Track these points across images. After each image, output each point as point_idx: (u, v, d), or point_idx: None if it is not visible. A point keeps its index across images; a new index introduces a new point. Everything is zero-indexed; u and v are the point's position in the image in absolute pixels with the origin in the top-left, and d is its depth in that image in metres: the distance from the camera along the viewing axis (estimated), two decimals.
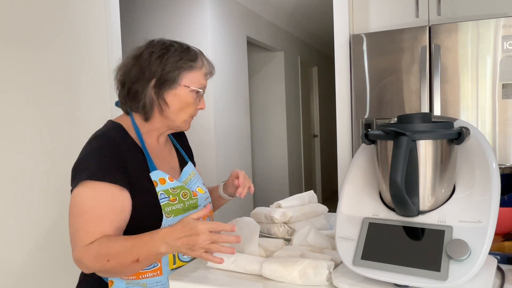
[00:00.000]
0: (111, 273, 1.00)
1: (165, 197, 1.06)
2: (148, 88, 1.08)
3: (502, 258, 0.95)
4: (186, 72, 1.10)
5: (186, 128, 1.17)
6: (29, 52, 1.85)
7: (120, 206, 1.01)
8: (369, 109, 2.36)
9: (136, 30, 3.85)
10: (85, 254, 0.96)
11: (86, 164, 1.01)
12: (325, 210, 1.38)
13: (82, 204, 0.99)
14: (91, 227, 0.97)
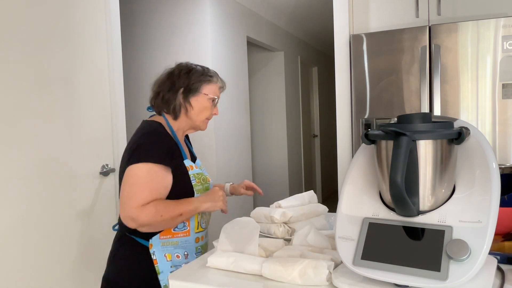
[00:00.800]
0: (159, 226, 1.32)
1: (194, 179, 1.42)
2: (177, 95, 1.45)
3: (502, 258, 0.95)
4: (206, 84, 1.48)
5: (204, 128, 1.53)
6: (29, 52, 1.85)
7: (166, 183, 1.35)
8: (369, 109, 2.36)
9: (136, 30, 3.85)
10: (141, 213, 1.26)
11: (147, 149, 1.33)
12: (325, 210, 1.38)
13: (141, 176, 1.30)
14: (146, 194, 1.28)
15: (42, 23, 1.92)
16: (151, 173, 1.30)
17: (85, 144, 2.12)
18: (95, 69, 2.20)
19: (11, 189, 1.77)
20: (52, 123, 1.95)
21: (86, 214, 2.13)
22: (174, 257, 1.36)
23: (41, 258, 1.89)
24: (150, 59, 3.82)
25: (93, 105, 2.18)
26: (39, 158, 1.89)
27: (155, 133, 1.39)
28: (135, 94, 3.93)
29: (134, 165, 1.30)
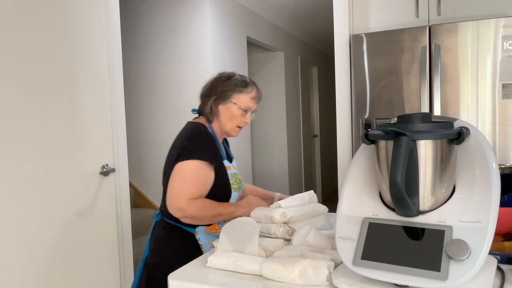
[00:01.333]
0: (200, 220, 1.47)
1: (231, 178, 1.56)
2: (211, 101, 1.57)
3: (502, 258, 0.95)
4: (237, 93, 1.56)
5: (234, 135, 1.63)
6: (29, 52, 1.85)
7: (210, 180, 1.49)
8: (369, 109, 2.36)
9: (136, 30, 3.85)
10: (190, 206, 1.42)
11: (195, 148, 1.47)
12: (325, 210, 1.38)
13: (190, 172, 1.44)
14: (194, 189, 1.44)
15: (42, 23, 1.92)
16: (199, 170, 1.45)
17: (85, 144, 2.12)
18: (95, 69, 2.20)
19: (11, 189, 1.77)
20: (52, 123, 1.95)
21: (86, 214, 2.13)
22: None
23: (41, 257, 1.89)
24: (150, 59, 3.82)
25: (93, 105, 2.18)
26: (39, 158, 1.89)
27: (202, 133, 1.52)
28: (135, 94, 3.93)
29: (184, 162, 1.45)
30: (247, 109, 1.58)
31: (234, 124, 1.58)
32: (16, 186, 1.79)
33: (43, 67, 1.91)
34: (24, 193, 1.82)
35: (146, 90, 3.88)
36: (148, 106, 3.88)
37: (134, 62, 3.89)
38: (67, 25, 2.04)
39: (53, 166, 1.95)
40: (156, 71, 3.81)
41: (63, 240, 2.00)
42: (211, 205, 1.47)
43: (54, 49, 1.97)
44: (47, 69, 1.94)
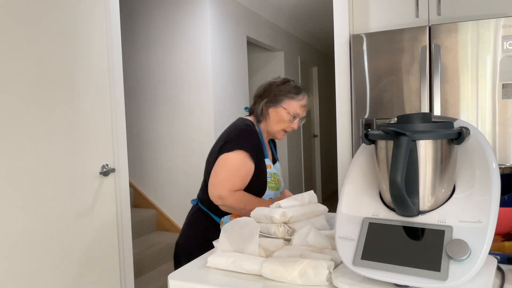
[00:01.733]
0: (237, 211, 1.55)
1: (269, 176, 1.64)
2: (262, 102, 1.65)
3: (502, 258, 0.95)
4: (288, 99, 1.63)
5: (280, 138, 1.70)
6: (29, 52, 1.85)
7: (251, 172, 1.57)
8: (369, 109, 2.36)
9: (136, 30, 3.85)
10: (231, 196, 1.52)
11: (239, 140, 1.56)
12: (325, 210, 1.38)
13: (234, 163, 1.55)
14: (236, 181, 1.54)
15: (42, 23, 1.92)
16: (242, 161, 1.55)
17: (85, 144, 2.12)
18: (95, 69, 2.20)
19: (11, 189, 1.77)
20: (52, 123, 1.95)
21: (86, 214, 2.13)
22: None
23: (41, 257, 1.89)
24: (150, 59, 3.82)
25: (93, 105, 2.18)
26: (39, 158, 1.89)
27: (248, 128, 1.62)
28: (135, 94, 3.93)
29: (229, 153, 1.55)
30: (296, 115, 1.64)
31: (281, 128, 1.65)
32: (16, 186, 1.79)
33: (43, 67, 1.91)
34: (24, 193, 1.82)
35: (146, 90, 3.88)
36: (148, 106, 3.88)
37: (134, 62, 3.89)
38: (67, 25, 2.04)
39: (53, 166, 1.95)
40: (156, 71, 3.81)
41: (63, 240, 2.00)
42: (250, 199, 1.55)
43: (54, 50, 1.97)
44: (47, 69, 1.94)
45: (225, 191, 1.53)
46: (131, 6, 3.85)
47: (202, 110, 3.67)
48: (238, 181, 1.55)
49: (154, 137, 3.87)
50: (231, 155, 1.55)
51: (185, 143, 3.74)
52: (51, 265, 1.94)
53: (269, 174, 1.64)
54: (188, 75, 3.70)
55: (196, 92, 3.67)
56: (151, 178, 3.92)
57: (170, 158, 3.81)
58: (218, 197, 1.54)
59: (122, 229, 2.37)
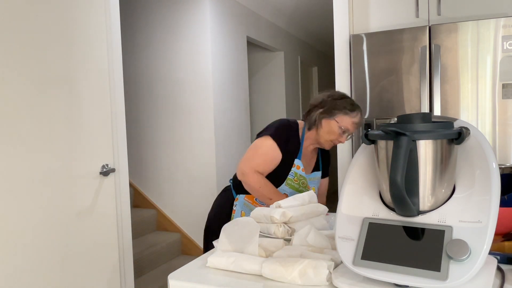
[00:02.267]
0: (253, 192, 1.69)
1: (292, 175, 1.73)
2: (317, 112, 1.72)
3: (502, 258, 0.95)
4: (342, 114, 1.69)
5: (327, 147, 1.78)
6: (29, 52, 1.85)
7: (276, 161, 1.70)
8: (369, 109, 2.36)
9: (136, 30, 3.85)
10: (251, 175, 1.67)
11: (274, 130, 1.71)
12: (325, 210, 1.38)
13: (262, 147, 1.70)
14: (260, 162, 1.68)
15: (42, 23, 1.92)
16: (270, 147, 1.69)
17: (85, 144, 2.12)
18: (95, 69, 2.20)
19: (11, 189, 1.77)
20: (52, 123, 1.95)
21: (86, 214, 2.13)
22: None
23: (41, 257, 1.90)
24: (150, 59, 3.82)
25: (93, 105, 2.18)
26: (39, 158, 1.89)
27: (287, 124, 1.76)
28: (135, 94, 3.93)
29: (261, 138, 1.72)
30: (346, 130, 1.71)
31: (330, 139, 1.72)
32: (16, 186, 1.79)
33: (43, 67, 1.91)
34: (24, 193, 1.82)
35: (146, 90, 3.88)
36: (148, 106, 3.88)
37: (134, 62, 3.89)
38: (67, 25, 2.04)
39: (53, 166, 1.95)
40: (156, 71, 3.81)
41: (63, 240, 2.00)
42: (267, 184, 1.67)
43: (54, 50, 1.97)
44: (47, 69, 1.94)
45: (248, 168, 1.67)
46: (131, 6, 3.85)
47: (202, 110, 3.67)
48: (262, 163, 1.68)
49: (154, 137, 3.87)
50: (262, 140, 1.71)
51: (185, 143, 3.74)
52: (51, 265, 1.94)
53: (293, 173, 1.73)
54: (188, 75, 3.70)
55: (196, 92, 3.67)
56: (151, 178, 3.92)
57: (170, 158, 3.81)
58: (241, 173, 1.69)
59: (122, 229, 2.37)
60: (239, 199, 1.78)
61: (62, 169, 2.00)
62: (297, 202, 1.33)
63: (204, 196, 3.69)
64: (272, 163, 1.70)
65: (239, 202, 1.77)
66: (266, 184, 1.67)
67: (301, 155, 1.76)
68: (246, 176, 1.68)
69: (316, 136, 1.75)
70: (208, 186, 3.66)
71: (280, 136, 1.71)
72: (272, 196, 1.66)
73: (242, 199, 1.77)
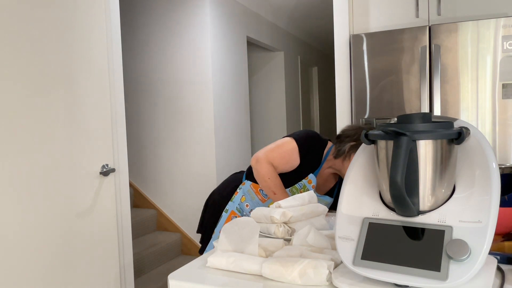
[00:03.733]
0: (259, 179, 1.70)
1: (300, 186, 1.74)
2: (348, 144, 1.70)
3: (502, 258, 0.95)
4: None
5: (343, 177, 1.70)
6: (29, 52, 1.85)
7: (293, 165, 1.72)
8: (369, 109, 2.36)
9: (136, 31, 3.85)
10: (265, 164, 1.67)
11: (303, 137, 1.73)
12: (325, 210, 1.38)
13: (285, 145, 1.71)
14: (277, 156, 1.69)
15: (42, 23, 1.92)
16: (293, 150, 1.71)
17: (85, 144, 2.12)
18: (95, 69, 2.20)
19: (11, 189, 1.77)
20: (52, 123, 1.95)
21: (86, 214, 2.13)
22: (245, 204, 1.78)
23: (41, 257, 1.90)
24: (150, 59, 3.82)
25: (93, 105, 2.18)
26: (39, 158, 1.89)
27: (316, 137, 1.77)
28: (135, 94, 3.93)
29: (288, 138, 1.74)
30: None
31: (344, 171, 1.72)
32: (16, 186, 1.79)
33: (43, 67, 1.91)
34: (24, 193, 1.82)
35: (146, 90, 3.88)
36: (148, 106, 3.88)
37: (134, 62, 3.89)
38: (67, 25, 2.04)
39: (53, 166, 1.95)
40: (156, 71, 3.81)
41: (63, 240, 2.00)
42: (276, 180, 1.68)
43: (54, 50, 1.97)
44: (47, 69, 1.94)
45: (263, 157, 1.69)
46: (131, 6, 3.85)
47: (202, 110, 3.67)
48: (278, 158, 1.69)
49: (154, 137, 3.87)
50: (288, 139, 1.74)
51: (185, 143, 3.75)
52: (51, 265, 1.94)
53: (302, 184, 1.75)
54: (188, 75, 3.70)
55: (196, 92, 3.67)
56: (151, 178, 3.92)
57: (170, 158, 3.81)
58: (256, 159, 1.70)
59: (122, 229, 2.37)
60: (246, 184, 1.80)
61: (62, 169, 2.00)
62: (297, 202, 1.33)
63: (204, 196, 3.69)
64: (288, 164, 1.71)
65: (244, 186, 1.80)
66: (275, 177, 1.68)
67: (318, 173, 1.76)
68: (259, 163, 1.69)
69: (340, 165, 1.73)
70: (208, 186, 3.66)
71: (304, 144, 1.72)
72: (277, 191, 1.67)
73: (248, 185, 1.79)
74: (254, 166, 1.71)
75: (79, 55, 2.10)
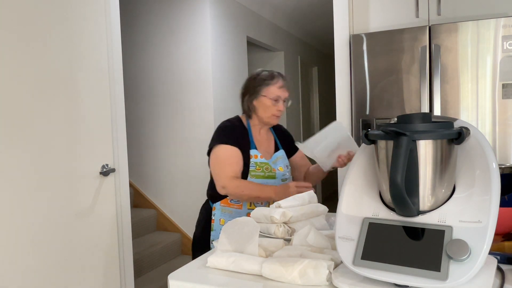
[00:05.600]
0: (241, 198, 1.71)
1: (254, 166, 1.74)
2: (246, 99, 1.79)
3: (502, 258, 0.95)
4: (264, 87, 1.76)
5: (274, 122, 1.81)
6: (29, 52, 1.85)
7: (240, 159, 1.72)
8: (369, 109, 2.36)
9: (136, 30, 3.85)
10: (230, 183, 1.67)
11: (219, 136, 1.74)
12: (325, 210, 1.38)
13: (221, 154, 1.71)
14: (228, 169, 1.69)
15: (42, 23, 1.92)
16: (228, 151, 1.71)
17: (85, 144, 2.12)
18: (95, 69, 2.20)
19: (11, 189, 1.77)
20: (52, 123, 1.95)
21: (86, 214, 2.13)
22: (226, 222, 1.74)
23: (41, 257, 1.89)
24: (150, 59, 3.82)
25: (93, 105, 2.18)
26: (39, 158, 1.89)
27: (226, 124, 1.80)
28: (135, 94, 3.93)
29: (214, 149, 1.75)
30: (277, 98, 1.75)
31: (269, 114, 1.76)
32: (16, 186, 1.79)
33: (43, 67, 1.91)
34: (24, 193, 1.82)
35: (146, 90, 3.88)
36: (148, 106, 3.88)
37: (134, 62, 3.89)
38: (67, 25, 2.04)
39: (53, 166, 1.95)
40: (156, 71, 3.81)
41: (63, 240, 2.00)
42: (248, 186, 1.68)
43: (54, 50, 1.97)
44: (47, 69, 1.94)
45: (224, 181, 1.69)
46: (131, 6, 3.85)
47: (202, 110, 3.67)
48: (229, 168, 1.70)
49: (154, 137, 3.87)
50: (216, 150, 1.74)
51: (185, 143, 3.74)
52: (51, 264, 1.94)
53: (253, 164, 1.74)
54: (188, 75, 3.69)
55: (196, 92, 3.67)
56: (151, 178, 3.92)
57: (170, 158, 3.81)
58: (222, 187, 1.70)
59: (122, 229, 2.37)
60: (216, 208, 1.78)
61: (62, 169, 2.00)
62: (297, 202, 1.33)
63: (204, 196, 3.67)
64: (239, 162, 1.72)
65: (216, 210, 1.78)
66: (246, 185, 1.68)
67: (254, 144, 1.78)
68: (227, 188, 1.69)
69: (258, 119, 1.79)
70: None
71: (226, 137, 1.74)
72: (259, 194, 1.67)
73: (218, 206, 1.78)
74: (225, 193, 1.71)
75: (79, 55, 2.10)
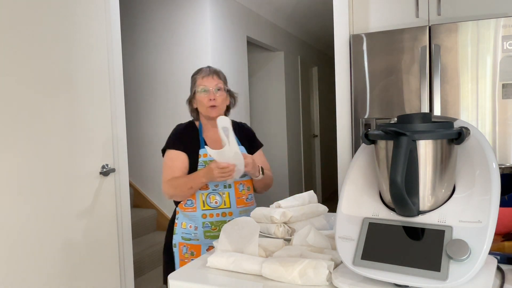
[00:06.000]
0: (178, 195, 1.73)
1: (203, 165, 1.74)
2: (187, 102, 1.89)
3: (502, 258, 0.95)
4: (194, 83, 1.83)
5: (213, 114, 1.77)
6: (29, 52, 1.85)
7: (182, 162, 1.76)
8: (369, 109, 2.36)
9: (136, 30, 3.85)
10: (166, 186, 1.74)
11: (166, 141, 1.81)
12: (325, 210, 1.38)
13: (166, 160, 1.78)
14: (168, 173, 1.75)
15: (42, 23, 1.92)
16: (172, 156, 1.76)
17: (85, 144, 2.12)
18: (95, 69, 2.20)
19: (11, 189, 1.77)
20: (52, 123, 1.95)
21: (86, 214, 2.13)
22: (188, 226, 1.76)
23: (41, 257, 1.89)
24: (150, 59, 3.82)
25: (93, 105, 2.18)
26: (39, 158, 1.89)
27: (176, 128, 1.85)
28: (135, 94, 3.93)
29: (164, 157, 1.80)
30: (205, 88, 1.77)
31: (205, 107, 1.77)
32: (16, 186, 1.79)
33: (43, 67, 1.91)
34: (24, 193, 1.82)
35: (146, 90, 3.88)
36: (148, 106, 3.88)
37: (134, 62, 3.89)
38: (67, 25, 2.04)
39: (53, 166, 1.95)
40: (156, 71, 3.81)
41: (63, 240, 2.00)
42: (178, 180, 1.71)
43: (54, 49, 1.97)
44: (47, 69, 1.94)
45: (163, 186, 1.75)
46: (131, 6, 3.84)
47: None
48: (170, 172, 1.75)
49: (154, 137, 3.87)
50: (164, 157, 1.81)
51: None
52: (51, 264, 1.94)
53: (202, 163, 1.75)
54: (188, 75, 3.68)
55: None
56: (151, 178, 3.92)
57: None
58: (163, 191, 1.76)
59: (122, 229, 2.37)
60: (179, 211, 1.79)
61: (62, 169, 2.00)
62: (297, 202, 1.33)
63: None
64: (183, 165, 1.75)
65: (179, 214, 1.79)
66: (177, 182, 1.71)
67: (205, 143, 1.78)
68: (165, 192, 1.74)
69: (203, 117, 1.82)
70: None
71: (173, 141, 1.78)
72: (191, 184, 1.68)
73: (179, 209, 1.79)
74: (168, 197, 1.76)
75: (79, 55, 2.10)
